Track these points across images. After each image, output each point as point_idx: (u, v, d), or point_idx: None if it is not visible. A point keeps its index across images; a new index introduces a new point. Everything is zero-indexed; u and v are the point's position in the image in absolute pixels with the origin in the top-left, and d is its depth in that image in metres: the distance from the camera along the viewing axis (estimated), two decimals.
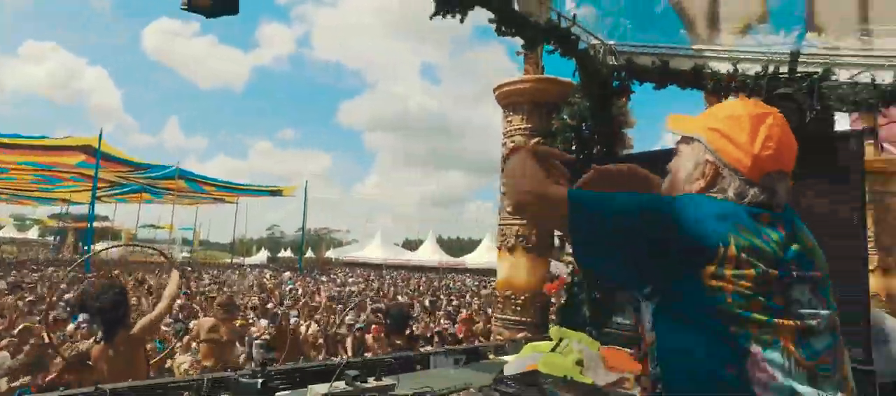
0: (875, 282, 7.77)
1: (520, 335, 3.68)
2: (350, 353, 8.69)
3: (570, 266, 3.58)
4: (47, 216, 47.85)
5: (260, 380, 1.65)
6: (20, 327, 6.18)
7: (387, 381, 2.03)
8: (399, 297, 16.31)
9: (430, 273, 41.03)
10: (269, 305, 11.37)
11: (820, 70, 2.97)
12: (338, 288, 19.55)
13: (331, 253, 55.96)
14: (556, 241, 3.98)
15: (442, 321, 11.48)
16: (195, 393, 1.74)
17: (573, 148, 4.01)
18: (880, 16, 3.08)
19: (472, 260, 45.42)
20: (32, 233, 48.54)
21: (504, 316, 3.91)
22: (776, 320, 0.97)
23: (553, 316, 4.22)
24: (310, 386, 1.95)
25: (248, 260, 50.53)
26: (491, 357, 2.81)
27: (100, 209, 35.92)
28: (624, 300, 3.23)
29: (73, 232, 41.39)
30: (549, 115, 4.21)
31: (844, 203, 2.83)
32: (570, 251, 3.84)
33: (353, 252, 52.05)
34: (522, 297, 3.83)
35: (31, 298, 9.92)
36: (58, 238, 44.31)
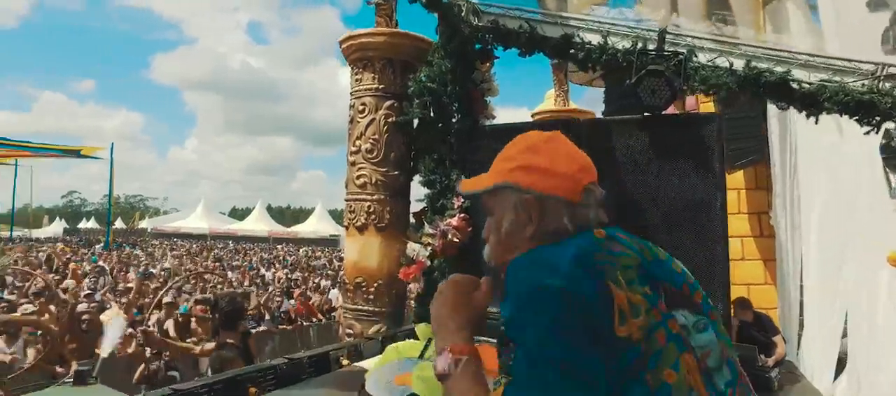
0: None
1: (373, 329, 3.24)
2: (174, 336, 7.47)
3: (430, 247, 3.21)
4: None
5: None
6: None
7: None
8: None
9: (261, 243, 38.64)
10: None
11: (685, 51, 2.92)
12: (144, 264, 17.26)
13: (145, 224, 49.91)
14: (412, 219, 3.58)
15: (276, 297, 10.62)
16: None
17: (431, 113, 3.63)
18: (734, 5, 3.14)
19: (304, 230, 43.83)
20: None
21: (355, 307, 3.41)
22: (682, 356, 0.88)
23: (412, 305, 3.85)
24: None
25: (38, 233, 42.94)
26: (344, 361, 2.33)
27: None
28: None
29: None
30: (403, 75, 3.76)
31: (704, 184, 2.83)
32: (428, 230, 3.49)
33: (173, 222, 47.01)
34: (376, 284, 3.36)
35: None
36: None
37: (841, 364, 4.84)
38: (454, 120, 3.60)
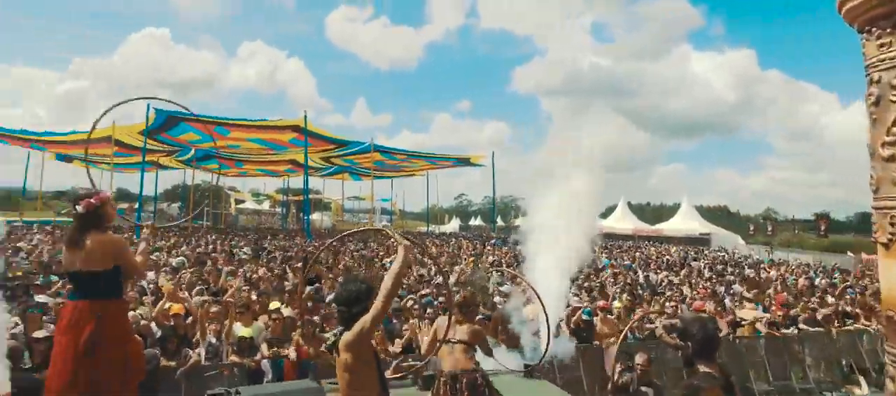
0: None
1: None
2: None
3: None
4: (274, 190, 54.98)
5: None
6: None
7: None
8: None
9: (627, 241, 38.12)
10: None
11: None
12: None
13: (519, 222, 55.46)
14: None
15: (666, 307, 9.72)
16: None
17: None
18: None
19: (669, 227, 41.39)
20: (265, 206, 56.09)
21: None
22: None
23: None
24: None
25: (442, 228, 52.34)
26: None
27: (312, 183, 40.38)
28: None
29: (295, 204, 47.19)
30: None
31: None
32: None
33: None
34: None
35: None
36: (284, 209, 50.73)
37: None
38: None
